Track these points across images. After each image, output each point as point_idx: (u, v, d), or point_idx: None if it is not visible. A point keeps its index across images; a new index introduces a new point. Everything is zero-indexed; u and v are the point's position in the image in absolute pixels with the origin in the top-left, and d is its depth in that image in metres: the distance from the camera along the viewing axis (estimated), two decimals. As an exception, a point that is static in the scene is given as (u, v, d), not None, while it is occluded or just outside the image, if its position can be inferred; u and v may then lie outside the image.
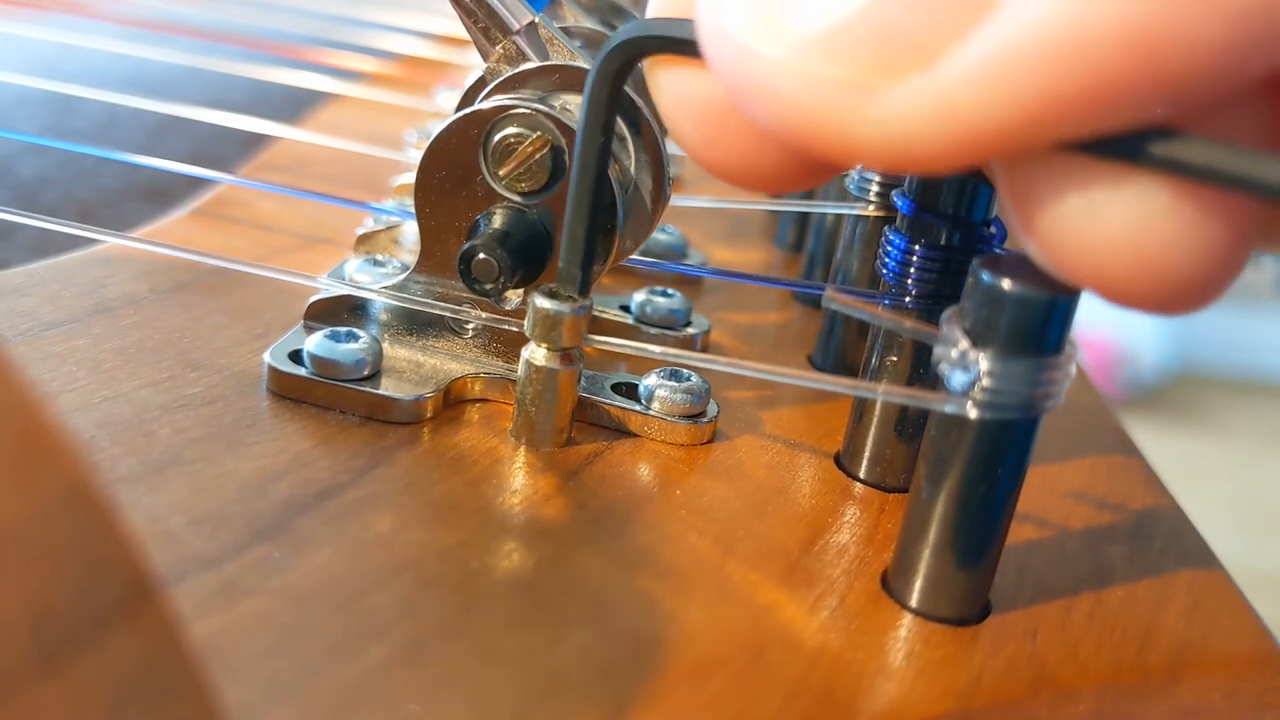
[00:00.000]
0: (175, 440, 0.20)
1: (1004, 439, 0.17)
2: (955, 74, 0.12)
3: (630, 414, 0.23)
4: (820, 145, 0.13)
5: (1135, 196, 0.13)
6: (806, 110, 0.13)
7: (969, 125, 0.12)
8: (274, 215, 0.30)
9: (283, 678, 0.15)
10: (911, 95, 0.12)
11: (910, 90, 0.12)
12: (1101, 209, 0.13)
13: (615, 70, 0.17)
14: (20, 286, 0.24)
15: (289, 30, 0.46)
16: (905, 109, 0.13)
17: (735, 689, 0.16)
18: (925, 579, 0.19)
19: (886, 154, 0.13)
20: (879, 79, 0.13)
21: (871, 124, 0.13)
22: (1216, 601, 0.20)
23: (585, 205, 0.19)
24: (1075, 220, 0.13)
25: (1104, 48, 0.12)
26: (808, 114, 0.13)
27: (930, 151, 0.13)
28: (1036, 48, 0.12)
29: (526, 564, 0.18)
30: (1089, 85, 0.12)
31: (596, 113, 0.18)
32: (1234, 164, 0.13)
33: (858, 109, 0.13)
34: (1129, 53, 0.12)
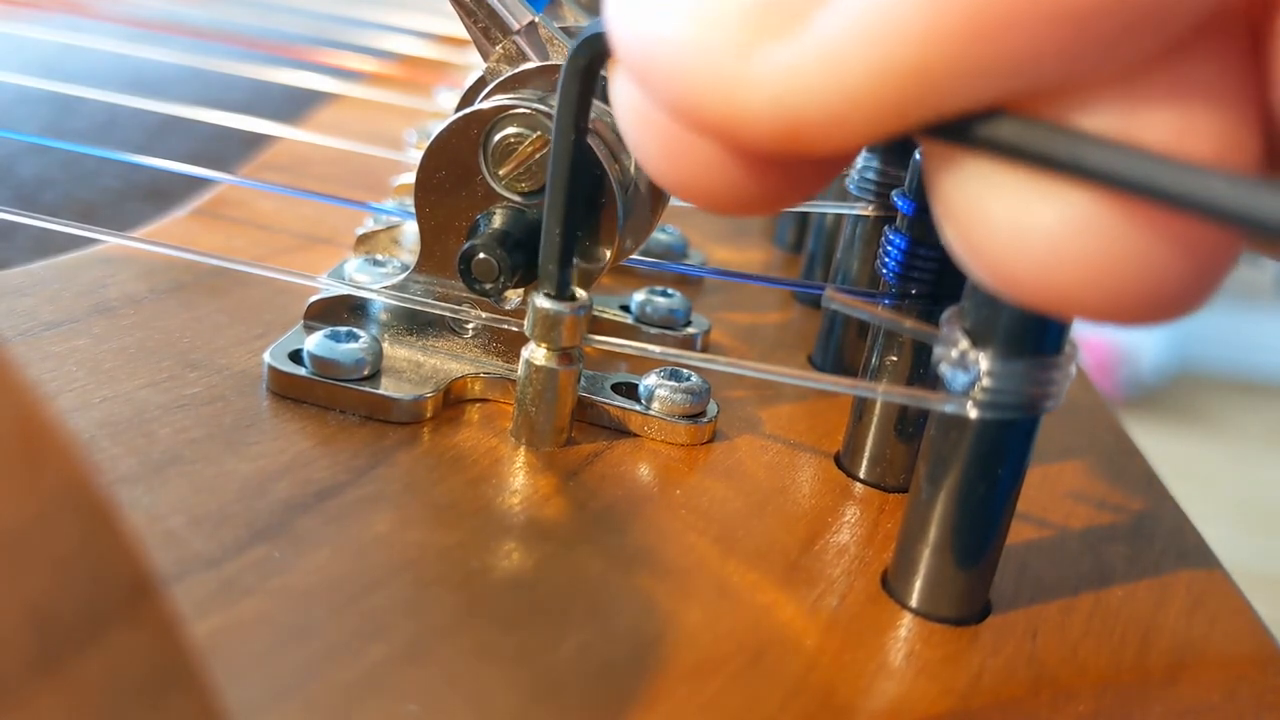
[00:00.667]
0: (175, 440, 0.20)
1: (1004, 439, 0.17)
2: (832, 28, 0.12)
3: (630, 414, 0.23)
4: (711, 115, 0.13)
5: (1058, 208, 0.12)
6: (693, 78, 0.13)
7: (851, 82, 0.12)
8: (274, 215, 0.30)
9: (283, 677, 0.15)
10: (792, 55, 0.12)
11: (790, 50, 0.12)
12: (1028, 225, 0.12)
13: (584, 66, 0.17)
14: (20, 286, 0.24)
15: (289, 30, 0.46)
16: (786, 69, 0.12)
17: (735, 689, 0.16)
18: (925, 579, 0.19)
19: (774, 120, 0.12)
20: (758, 39, 0.12)
21: (755, 87, 0.12)
22: (1216, 601, 0.20)
23: (560, 204, 0.19)
24: (1004, 241, 0.12)
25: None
26: (694, 82, 0.13)
27: (817, 116, 0.12)
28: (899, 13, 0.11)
29: (526, 564, 0.18)
30: (973, 32, 0.11)
31: (567, 109, 0.18)
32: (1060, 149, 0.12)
33: (741, 73, 0.12)
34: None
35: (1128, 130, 0.12)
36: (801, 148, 0.13)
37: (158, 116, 0.36)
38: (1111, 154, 0.12)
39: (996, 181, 0.12)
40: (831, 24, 0.12)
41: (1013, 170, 0.12)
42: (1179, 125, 0.12)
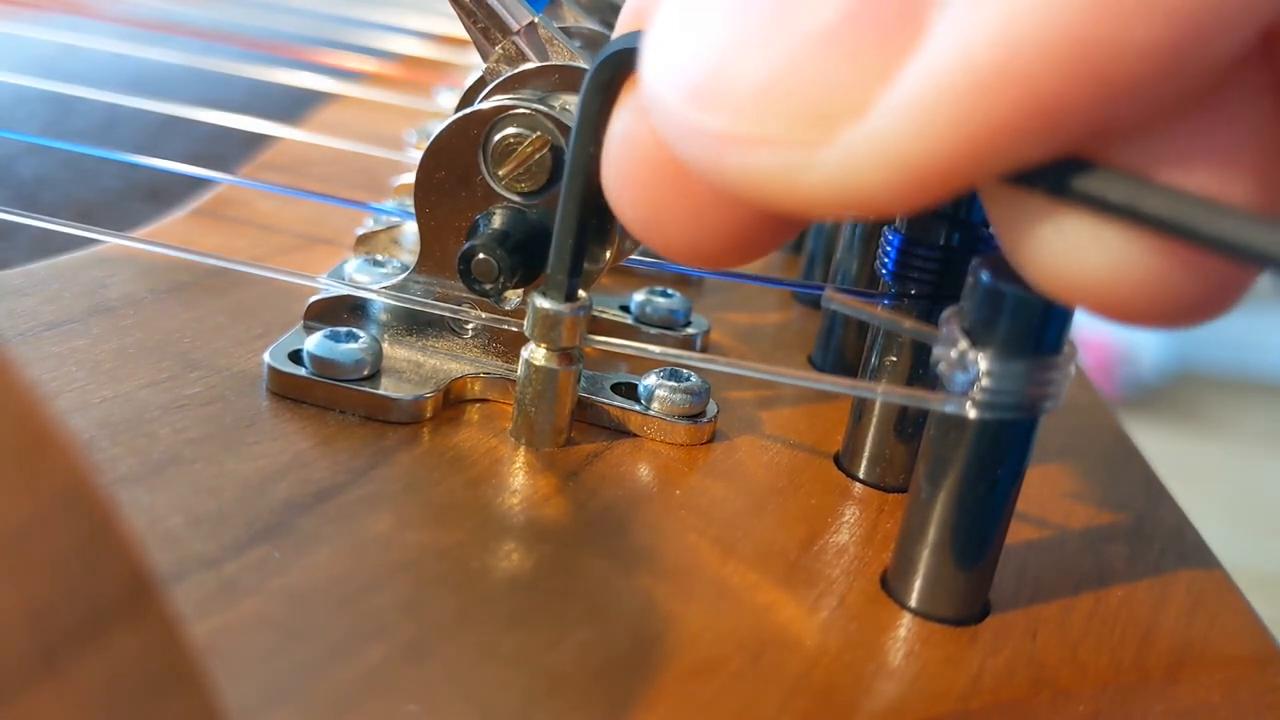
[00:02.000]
0: (175, 440, 0.20)
1: (1003, 439, 0.17)
2: (890, 117, 0.12)
3: (630, 414, 0.23)
4: (775, 205, 0.13)
5: (1111, 236, 0.13)
6: (755, 174, 0.13)
7: (913, 166, 0.12)
8: (274, 215, 0.30)
9: (282, 678, 0.15)
10: (853, 144, 0.12)
11: (851, 139, 0.12)
12: (1079, 250, 0.13)
13: (606, 81, 0.17)
14: (20, 286, 0.24)
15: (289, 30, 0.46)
16: (848, 158, 0.12)
17: (734, 689, 0.16)
18: (924, 579, 0.19)
19: (840, 204, 0.13)
20: (817, 134, 0.12)
21: (819, 178, 0.13)
22: (1216, 601, 0.20)
23: (574, 216, 0.19)
24: (1057, 259, 0.13)
25: (1037, 65, 0.11)
26: (757, 178, 0.13)
27: (882, 196, 0.12)
28: (967, 78, 0.11)
29: (526, 564, 0.18)
30: (1028, 106, 0.12)
31: (587, 125, 0.18)
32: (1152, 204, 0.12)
33: (803, 166, 0.13)
34: (1065, 67, 0.11)
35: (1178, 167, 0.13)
36: (865, 217, 0.13)
37: (157, 116, 0.36)
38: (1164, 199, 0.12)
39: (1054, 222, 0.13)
40: (892, 113, 0.12)
41: (1069, 212, 0.13)
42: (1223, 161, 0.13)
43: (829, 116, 0.12)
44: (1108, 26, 0.11)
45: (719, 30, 0.13)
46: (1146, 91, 0.12)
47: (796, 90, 0.12)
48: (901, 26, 0.12)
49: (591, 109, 0.18)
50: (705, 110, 0.13)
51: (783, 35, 0.12)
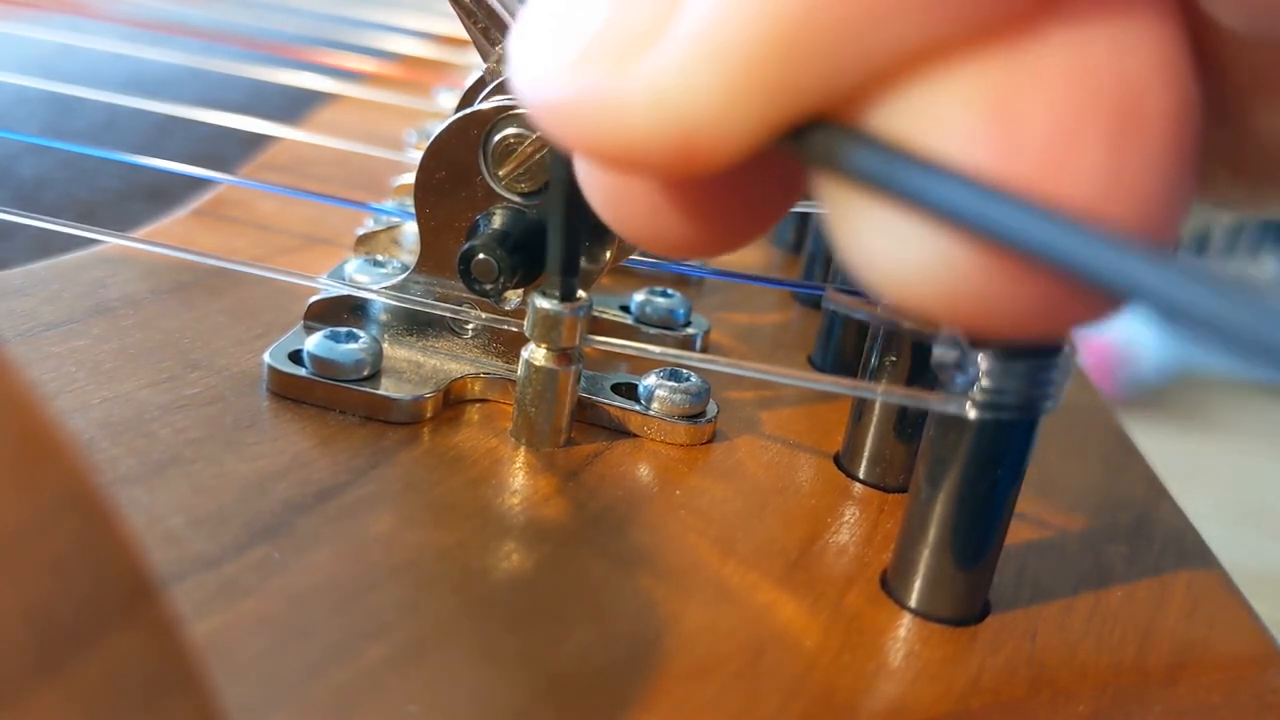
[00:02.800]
0: (175, 440, 0.20)
1: (1003, 439, 0.17)
2: (690, 23, 0.12)
3: (630, 414, 0.23)
4: (602, 144, 0.13)
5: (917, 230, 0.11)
6: (574, 111, 0.13)
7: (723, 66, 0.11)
8: (274, 215, 0.30)
9: (282, 678, 0.15)
10: (660, 57, 0.12)
11: (658, 53, 0.12)
12: (887, 246, 0.12)
13: None
14: (20, 287, 0.24)
15: (289, 30, 0.46)
16: (658, 73, 0.12)
17: (734, 689, 0.16)
18: (924, 579, 0.19)
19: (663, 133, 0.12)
20: (626, 55, 0.12)
21: (634, 103, 0.12)
22: (1216, 602, 0.20)
23: (562, 211, 0.19)
24: (867, 255, 0.12)
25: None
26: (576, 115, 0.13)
27: (701, 117, 0.12)
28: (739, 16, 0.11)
29: (526, 564, 0.18)
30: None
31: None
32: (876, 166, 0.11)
33: (618, 92, 0.12)
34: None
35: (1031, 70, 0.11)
36: (702, 159, 0.12)
37: (157, 116, 0.36)
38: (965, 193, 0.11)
39: (870, 214, 0.12)
40: (688, 21, 0.12)
41: (881, 204, 0.12)
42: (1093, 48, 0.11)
43: (618, 50, 0.12)
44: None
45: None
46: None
47: (586, 27, 0.12)
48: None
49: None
50: (529, 66, 0.13)
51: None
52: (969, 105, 0.11)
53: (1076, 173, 0.11)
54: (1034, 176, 0.11)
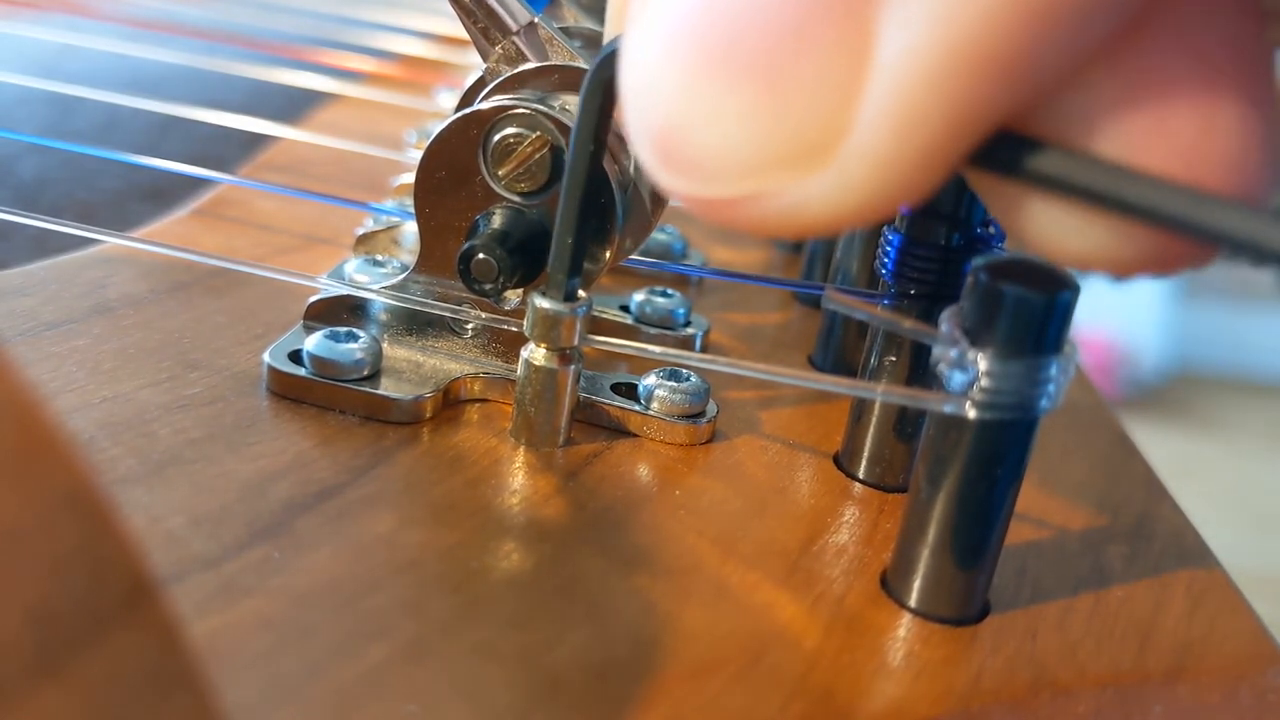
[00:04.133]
0: (175, 440, 0.20)
1: (1003, 439, 0.17)
2: (868, 133, 0.12)
3: (629, 414, 0.23)
4: (776, 236, 0.13)
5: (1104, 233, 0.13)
6: (747, 221, 0.13)
7: (901, 169, 0.12)
8: (274, 215, 0.30)
9: (282, 678, 0.15)
10: (839, 172, 0.12)
11: (831, 172, 0.12)
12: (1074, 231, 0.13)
13: (607, 80, 0.17)
14: (20, 287, 0.24)
15: (289, 30, 0.46)
16: (837, 182, 0.12)
17: (734, 689, 0.16)
18: (924, 579, 0.19)
19: (842, 220, 0.13)
20: (795, 176, 0.12)
21: (810, 209, 0.13)
22: (1216, 602, 0.20)
23: (573, 216, 0.19)
24: (1056, 237, 0.13)
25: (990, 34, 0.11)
26: (750, 223, 0.13)
27: (879, 202, 0.12)
28: (938, 68, 0.11)
29: (526, 564, 0.18)
30: (991, 75, 0.11)
31: (589, 121, 0.18)
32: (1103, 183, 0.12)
33: (793, 206, 0.13)
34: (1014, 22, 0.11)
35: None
36: (883, 216, 0.13)
37: (158, 117, 0.36)
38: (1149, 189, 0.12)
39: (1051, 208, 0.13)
40: (874, 111, 0.12)
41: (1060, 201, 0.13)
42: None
43: (802, 158, 0.12)
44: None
45: (670, 86, 0.13)
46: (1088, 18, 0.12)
47: (762, 143, 0.12)
48: (845, 48, 0.12)
49: (592, 107, 0.18)
50: (679, 175, 0.13)
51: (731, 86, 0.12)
52: (1118, 103, 0.12)
53: (1214, 155, 0.12)
54: (1182, 162, 0.12)
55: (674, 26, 0.12)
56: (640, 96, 0.13)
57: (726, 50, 0.12)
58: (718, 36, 0.12)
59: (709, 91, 0.12)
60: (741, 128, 0.12)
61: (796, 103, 0.12)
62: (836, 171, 0.12)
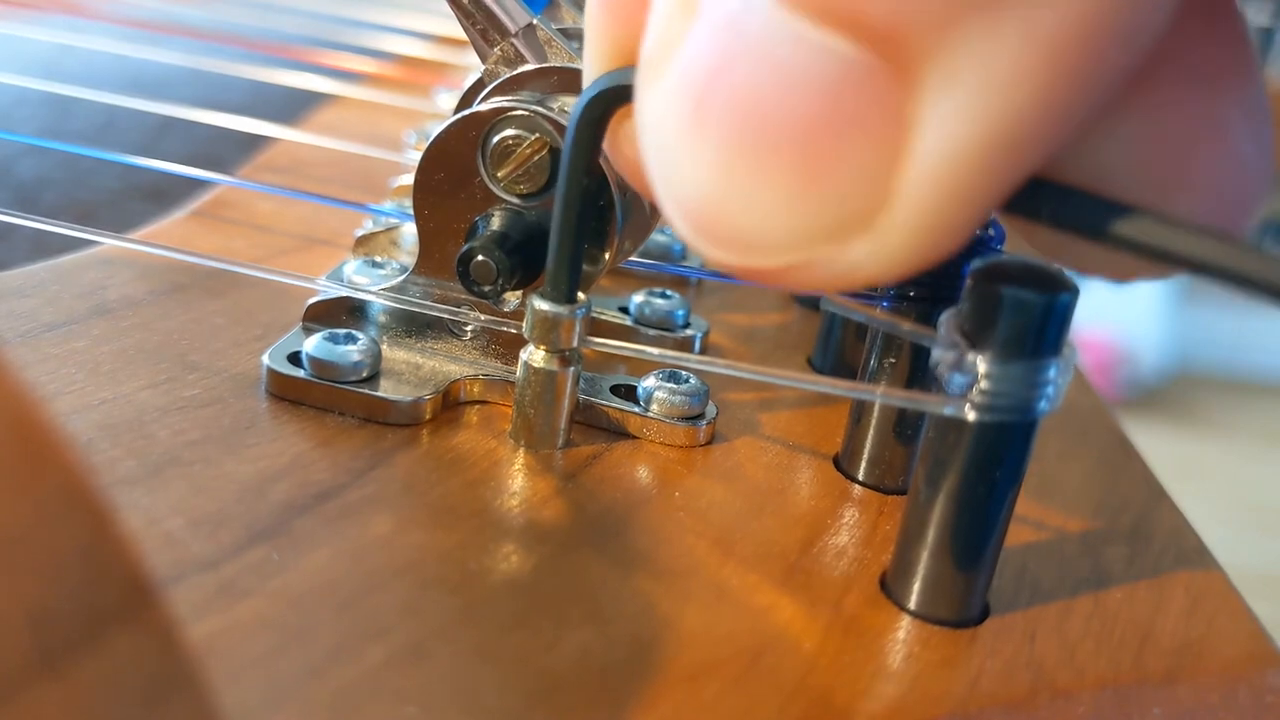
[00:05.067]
0: (174, 442, 0.20)
1: (1002, 441, 0.17)
2: (905, 211, 0.12)
3: (629, 416, 0.23)
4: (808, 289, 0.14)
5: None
6: (797, 283, 0.13)
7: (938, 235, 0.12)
8: (273, 217, 0.30)
9: (281, 679, 0.15)
10: (875, 242, 0.12)
11: (871, 243, 0.12)
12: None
13: (598, 117, 0.17)
14: (19, 288, 0.24)
15: (288, 31, 0.46)
16: (872, 252, 0.13)
17: (733, 691, 0.16)
18: (924, 581, 0.19)
19: (877, 281, 0.13)
20: (833, 250, 0.13)
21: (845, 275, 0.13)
22: (1215, 603, 0.20)
23: (572, 220, 0.19)
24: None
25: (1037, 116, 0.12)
26: (799, 284, 0.13)
27: (917, 262, 0.13)
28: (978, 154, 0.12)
29: (525, 565, 0.18)
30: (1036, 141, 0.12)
31: (579, 157, 0.18)
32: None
33: (830, 276, 0.13)
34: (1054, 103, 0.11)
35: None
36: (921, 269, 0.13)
37: (156, 117, 0.36)
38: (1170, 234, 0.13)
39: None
40: (915, 185, 0.12)
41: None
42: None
43: (841, 232, 0.12)
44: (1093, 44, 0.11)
45: (702, 165, 0.13)
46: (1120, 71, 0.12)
47: (801, 222, 0.12)
48: (883, 136, 0.12)
49: (584, 143, 0.17)
50: (717, 247, 0.13)
51: (768, 169, 0.12)
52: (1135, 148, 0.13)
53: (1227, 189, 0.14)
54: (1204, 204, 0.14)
55: (702, 100, 0.12)
56: (669, 169, 0.13)
57: (761, 132, 0.12)
58: (751, 117, 0.12)
59: (744, 173, 0.12)
60: (780, 208, 0.12)
61: (835, 185, 0.12)
62: (877, 240, 0.12)
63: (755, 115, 0.12)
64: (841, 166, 0.12)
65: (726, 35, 0.12)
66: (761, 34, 0.12)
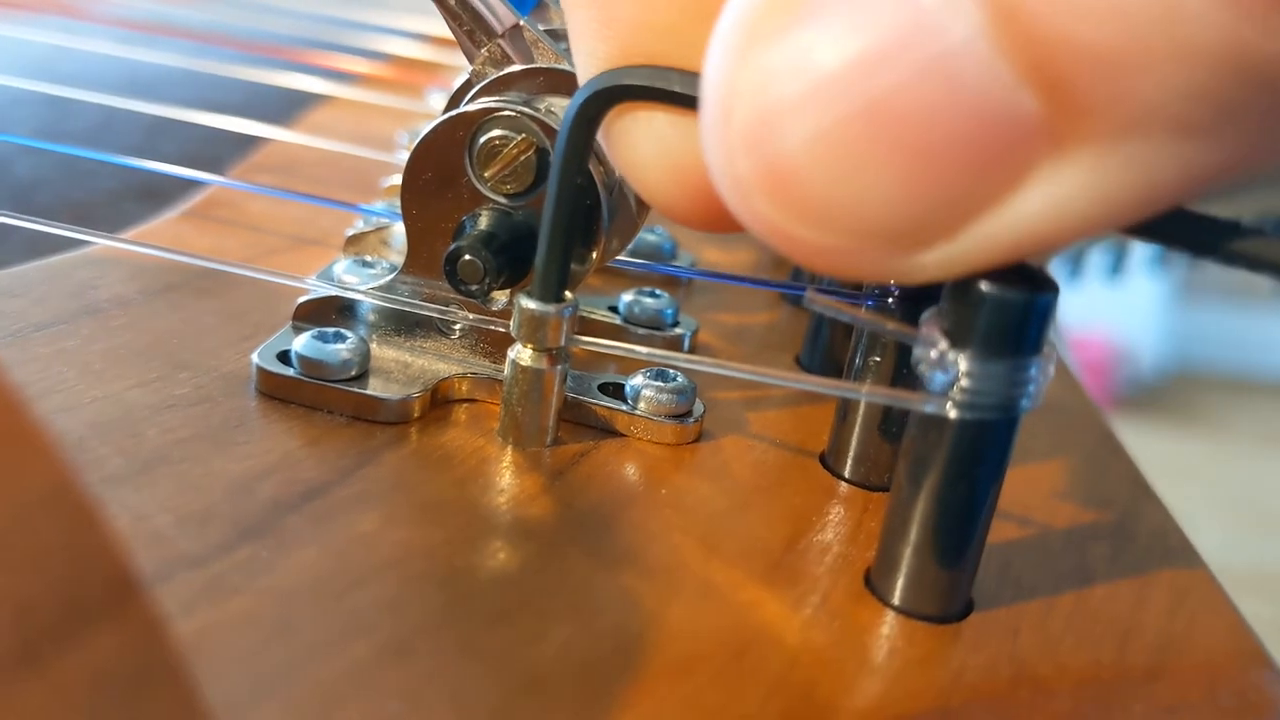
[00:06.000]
0: (163, 440, 0.20)
1: (983, 438, 0.18)
2: (985, 238, 0.13)
3: (617, 414, 0.23)
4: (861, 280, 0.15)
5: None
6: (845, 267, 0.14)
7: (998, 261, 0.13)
8: (264, 216, 0.30)
9: (267, 675, 0.15)
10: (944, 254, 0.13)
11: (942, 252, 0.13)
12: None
13: (591, 116, 0.17)
14: (9, 288, 0.24)
15: (281, 32, 0.46)
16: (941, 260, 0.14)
17: (717, 686, 0.17)
18: (907, 577, 0.19)
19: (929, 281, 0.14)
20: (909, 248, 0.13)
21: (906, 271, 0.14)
22: (1198, 600, 0.21)
23: (560, 221, 0.19)
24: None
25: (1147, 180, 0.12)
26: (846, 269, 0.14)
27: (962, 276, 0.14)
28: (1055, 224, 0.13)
29: (511, 562, 0.18)
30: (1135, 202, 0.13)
31: (572, 156, 0.18)
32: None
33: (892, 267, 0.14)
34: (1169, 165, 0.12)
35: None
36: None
37: (151, 118, 0.37)
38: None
39: None
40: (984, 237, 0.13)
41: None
42: None
43: (922, 235, 0.13)
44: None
45: (819, 133, 0.13)
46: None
47: (894, 215, 0.13)
48: (1000, 173, 0.13)
49: (577, 142, 0.18)
50: (782, 209, 0.13)
51: (887, 161, 0.13)
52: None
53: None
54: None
55: (851, 85, 0.13)
56: (769, 122, 0.13)
57: (911, 132, 0.13)
58: (906, 117, 0.12)
59: (861, 154, 0.13)
60: (878, 195, 0.13)
61: (951, 194, 0.13)
62: (950, 250, 0.13)
63: (912, 116, 0.12)
64: (963, 182, 0.13)
65: (910, 37, 0.12)
66: (958, 57, 0.12)
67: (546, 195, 0.19)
